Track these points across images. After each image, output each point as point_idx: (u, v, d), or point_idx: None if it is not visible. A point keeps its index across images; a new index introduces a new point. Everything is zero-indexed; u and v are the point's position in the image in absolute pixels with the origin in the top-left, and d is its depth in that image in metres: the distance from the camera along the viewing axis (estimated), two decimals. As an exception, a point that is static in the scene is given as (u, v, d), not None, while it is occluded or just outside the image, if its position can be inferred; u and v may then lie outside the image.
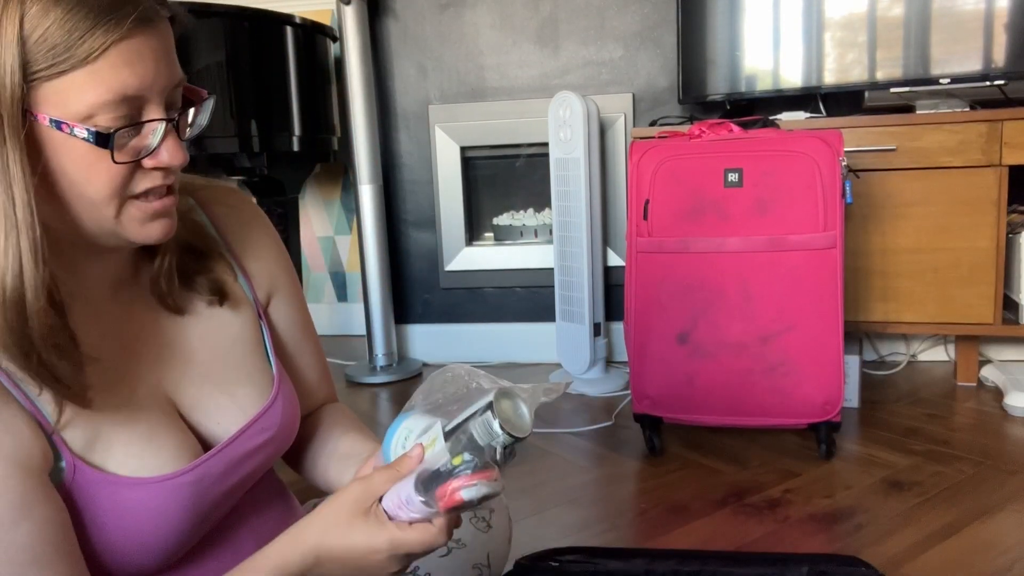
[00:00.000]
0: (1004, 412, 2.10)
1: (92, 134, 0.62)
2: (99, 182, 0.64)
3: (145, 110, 0.64)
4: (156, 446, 0.71)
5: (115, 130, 0.62)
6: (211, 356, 0.80)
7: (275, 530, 0.83)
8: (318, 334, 0.96)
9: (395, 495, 0.68)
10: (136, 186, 0.66)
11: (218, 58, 2.21)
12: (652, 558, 1.13)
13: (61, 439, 0.67)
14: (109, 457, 0.69)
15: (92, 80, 0.60)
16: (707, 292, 1.82)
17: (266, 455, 0.81)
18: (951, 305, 2.19)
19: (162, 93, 0.65)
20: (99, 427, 0.69)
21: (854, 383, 2.15)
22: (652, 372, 1.87)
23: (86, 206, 0.65)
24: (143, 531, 0.69)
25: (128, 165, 0.65)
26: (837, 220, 1.75)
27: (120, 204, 0.66)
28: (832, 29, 2.32)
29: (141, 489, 0.69)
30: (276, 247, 0.90)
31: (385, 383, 2.59)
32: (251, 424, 0.79)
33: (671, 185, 1.85)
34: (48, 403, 0.66)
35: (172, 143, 0.66)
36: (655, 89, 2.63)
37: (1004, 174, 2.10)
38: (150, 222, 0.68)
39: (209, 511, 0.75)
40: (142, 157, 0.65)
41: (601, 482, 1.80)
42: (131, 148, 0.65)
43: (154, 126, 0.65)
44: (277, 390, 0.82)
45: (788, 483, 1.71)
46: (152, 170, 0.67)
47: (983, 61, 2.21)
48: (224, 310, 0.81)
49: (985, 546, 1.43)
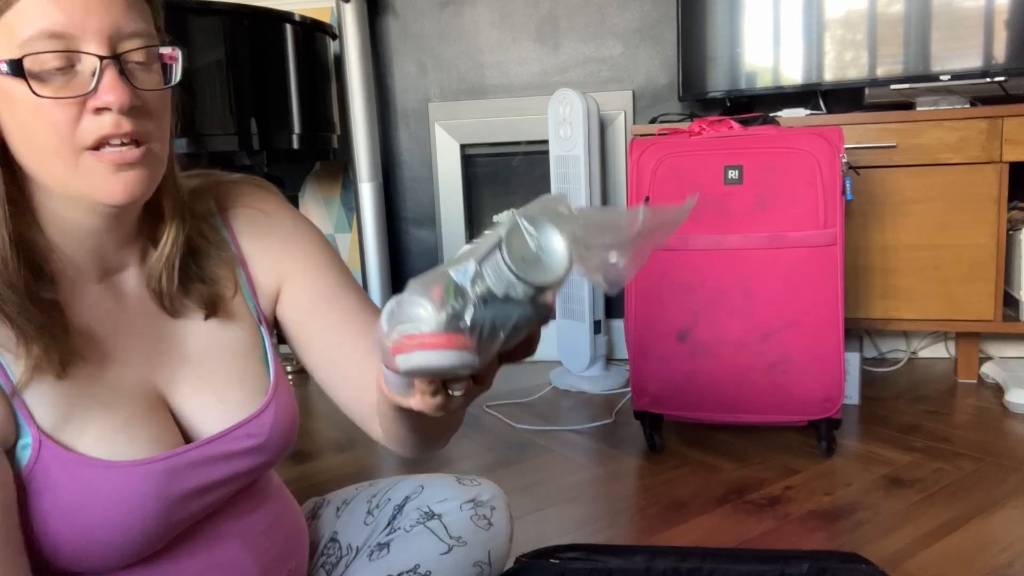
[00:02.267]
0: (1004, 409, 2.10)
1: (9, 64, 0.62)
2: (39, 124, 0.63)
3: (79, 49, 0.63)
4: (132, 434, 0.71)
5: (24, 55, 0.61)
6: (203, 357, 0.79)
7: (265, 531, 0.82)
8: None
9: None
10: (85, 134, 0.64)
11: (217, 56, 2.21)
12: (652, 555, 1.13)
13: (29, 414, 0.66)
14: (80, 438, 0.68)
15: (20, 19, 0.61)
16: (707, 289, 1.82)
17: (250, 462, 0.79)
18: (951, 302, 2.19)
19: (100, 35, 0.63)
20: (73, 407, 0.68)
21: (854, 380, 2.14)
22: (652, 369, 1.87)
23: (42, 158, 0.65)
24: (107, 518, 0.68)
25: (66, 106, 0.63)
26: (837, 217, 1.75)
27: (74, 155, 0.65)
28: (832, 26, 2.32)
29: (107, 471, 0.68)
30: (290, 233, 0.87)
31: (385, 381, 2.59)
32: (236, 427, 0.78)
33: (671, 182, 1.84)
34: (15, 365, 0.65)
35: (111, 80, 0.64)
36: (655, 86, 2.63)
37: (1004, 171, 2.10)
38: (113, 175, 0.66)
39: (177, 505, 0.73)
40: (79, 96, 0.63)
41: (601, 479, 1.80)
42: (63, 87, 0.63)
43: (92, 66, 0.63)
44: (270, 398, 0.81)
45: (788, 480, 1.71)
46: (101, 116, 0.64)
47: (983, 57, 2.21)
48: (216, 320, 0.81)
49: (986, 543, 1.43)
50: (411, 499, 0.96)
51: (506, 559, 0.99)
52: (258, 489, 0.85)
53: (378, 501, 0.99)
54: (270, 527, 0.83)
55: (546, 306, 0.53)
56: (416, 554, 0.91)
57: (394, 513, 0.96)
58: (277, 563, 0.83)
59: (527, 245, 0.51)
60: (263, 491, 0.86)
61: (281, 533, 0.85)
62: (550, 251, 0.51)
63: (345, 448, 2.02)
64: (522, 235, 0.51)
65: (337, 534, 0.99)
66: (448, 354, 0.50)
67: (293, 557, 0.87)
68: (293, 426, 0.84)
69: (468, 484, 0.98)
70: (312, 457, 1.96)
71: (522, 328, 0.52)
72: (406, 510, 0.96)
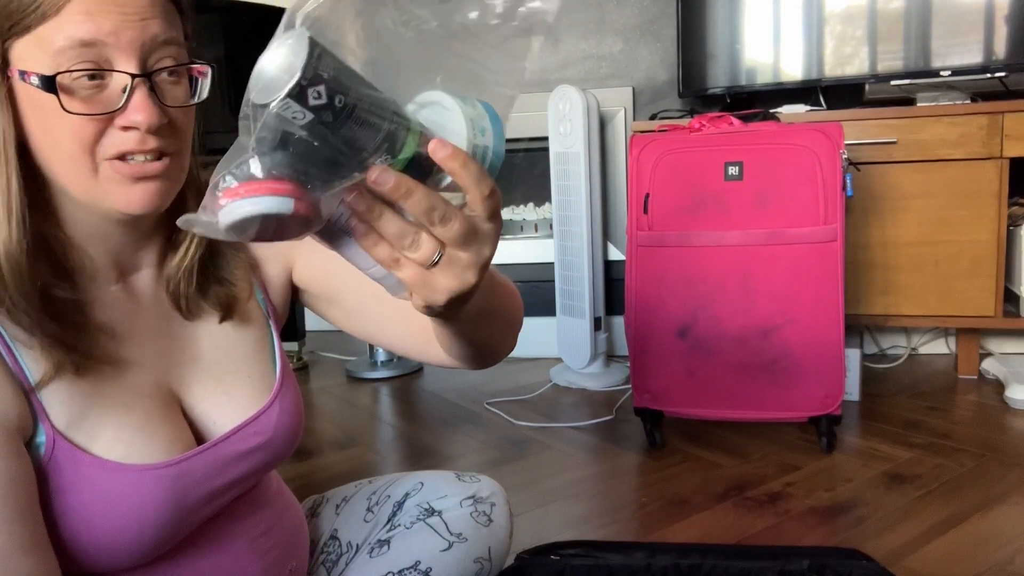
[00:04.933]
0: (1005, 405, 2.10)
1: (41, 79, 0.62)
2: (64, 134, 0.63)
3: (111, 64, 0.63)
4: (147, 435, 0.71)
5: (58, 72, 0.62)
6: (216, 357, 0.79)
7: (266, 532, 0.82)
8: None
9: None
10: (108, 147, 0.64)
11: (216, 53, 2.21)
12: (653, 551, 1.13)
13: (44, 412, 0.66)
14: (95, 439, 0.68)
15: (54, 31, 0.61)
16: (707, 286, 1.82)
17: (258, 461, 0.79)
18: (952, 298, 2.19)
19: (131, 48, 0.63)
20: (89, 407, 0.68)
21: (855, 376, 2.14)
22: (653, 366, 1.87)
23: (64, 165, 0.65)
24: (119, 521, 0.68)
25: (93, 122, 0.63)
26: (837, 213, 1.75)
27: (95, 164, 0.65)
28: (832, 22, 2.31)
29: (121, 475, 0.68)
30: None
31: (386, 378, 2.59)
32: (244, 425, 0.78)
33: (671, 179, 1.84)
34: (35, 364, 0.65)
35: (141, 100, 0.63)
36: (655, 83, 2.63)
37: (1005, 166, 2.10)
38: (132, 185, 0.66)
39: (191, 509, 0.73)
40: (107, 113, 0.64)
41: (602, 476, 1.80)
42: (92, 101, 0.63)
43: (123, 83, 0.63)
44: (275, 395, 0.81)
45: (789, 476, 1.71)
46: (126, 132, 0.64)
47: (984, 53, 2.20)
48: (230, 321, 0.81)
49: (986, 538, 1.43)
50: (411, 496, 0.96)
51: (506, 555, 1.00)
52: (260, 490, 0.85)
53: (378, 498, 0.99)
54: (272, 527, 0.83)
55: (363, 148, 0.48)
56: (416, 551, 0.91)
57: (394, 510, 0.96)
58: (279, 563, 0.83)
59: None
60: (265, 491, 0.85)
61: (282, 533, 0.85)
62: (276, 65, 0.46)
63: (345, 446, 2.02)
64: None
65: (337, 532, 0.99)
66: (254, 201, 0.46)
67: (294, 556, 0.87)
68: (298, 424, 0.84)
69: (468, 481, 0.98)
70: (312, 455, 1.96)
71: (344, 162, 0.48)
72: (406, 507, 0.96)
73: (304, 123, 0.46)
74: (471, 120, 0.53)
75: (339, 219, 0.53)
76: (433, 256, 0.53)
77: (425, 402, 2.38)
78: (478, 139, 0.53)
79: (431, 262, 0.53)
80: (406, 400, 2.41)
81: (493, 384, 2.43)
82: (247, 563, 0.79)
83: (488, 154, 0.54)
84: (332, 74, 0.46)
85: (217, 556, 0.77)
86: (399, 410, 2.35)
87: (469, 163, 0.51)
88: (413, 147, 0.50)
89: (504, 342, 0.79)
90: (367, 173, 0.49)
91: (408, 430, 2.18)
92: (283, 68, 0.45)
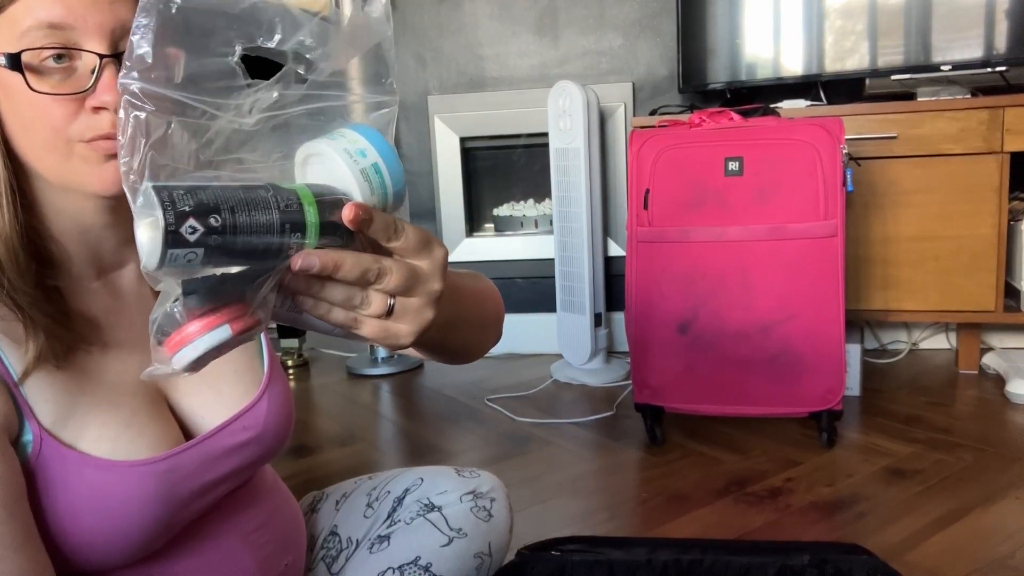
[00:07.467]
0: (1006, 400, 2.10)
1: (7, 57, 0.61)
2: (35, 118, 0.63)
3: (79, 47, 0.63)
4: (134, 432, 0.70)
5: (23, 51, 0.61)
6: None
7: (261, 526, 0.82)
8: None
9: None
10: (83, 131, 0.64)
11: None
12: (653, 547, 1.13)
13: (30, 409, 0.66)
14: (81, 436, 0.68)
15: (23, 13, 0.61)
16: (708, 281, 1.82)
17: (249, 455, 0.79)
18: (952, 293, 2.19)
19: (100, 31, 0.62)
20: (74, 405, 0.68)
21: (855, 371, 2.14)
22: (653, 362, 1.87)
23: (37, 150, 0.65)
24: (108, 518, 0.68)
25: (63, 103, 0.63)
26: (838, 208, 1.75)
27: (68, 147, 0.64)
28: (833, 16, 2.31)
29: (110, 472, 0.68)
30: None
31: (386, 375, 2.59)
32: (232, 420, 0.77)
33: (671, 174, 1.84)
34: (16, 357, 0.65)
35: (110, 80, 0.62)
36: (655, 78, 2.62)
37: (1005, 161, 2.10)
38: (105, 164, 0.65)
39: (181, 505, 0.72)
40: (76, 94, 0.63)
41: (602, 472, 1.80)
42: (61, 83, 0.63)
43: (91, 64, 0.63)
44: (264, 389, 0.80)
45: (789, 472, 1.71)
46: (99, 114, 0.64)
47: (984, 47, 2.20)
48: None
49: (986, 533, 1.43)
50: (411, 491, 0.96)
51: (507, 550, 0.99)
52: (254, 484, 0.84)
53: (378, 494, 0.99)
54: (266, 522, 0.83)
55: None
56: (417, 546, 0.91)
57: (394, 506, 0.96)
58: (274, 558, 0.83)
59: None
60: (259, 486, 0.85)
61: (277, 528, 0.85)
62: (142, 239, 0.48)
63: (346, 442, 2.02)
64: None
65: (337, 527, 0.99)
66: (194, 345, 0.49)
67: (290, 551, 0.87)
68: (288, 417, 0.83)
69: (468, 476, 0.98)
70: (312, 451, 1.96)
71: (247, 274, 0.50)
72: (406, 502, 0.96)
73: (200, 258, 0.47)
74: (347, 152, 0.54)
75: (286, 302, 0.54)
76: (386, 307, 0.55)
77: (425, 398, 2.38)
78: (361, 163, 0.54)
79: (386, 311, 0.55)
80: (407, 396, 2.41)
81: (493, 380, 2.43)
82: (241, 558, 0.79)
83: (381, 168, 0.55)
84: (194, 203, 0.46)
85: (211, 551, 0.77)
86: (400, 406, 2.35)
87: (375, 217, 0.53)
88: (314, 214, 0.51)
89: (480, 342, 0.80)
90: (290, 262, 0.51)
91: (409, 426, 2.18)
92: (149, 227, 0.46)
